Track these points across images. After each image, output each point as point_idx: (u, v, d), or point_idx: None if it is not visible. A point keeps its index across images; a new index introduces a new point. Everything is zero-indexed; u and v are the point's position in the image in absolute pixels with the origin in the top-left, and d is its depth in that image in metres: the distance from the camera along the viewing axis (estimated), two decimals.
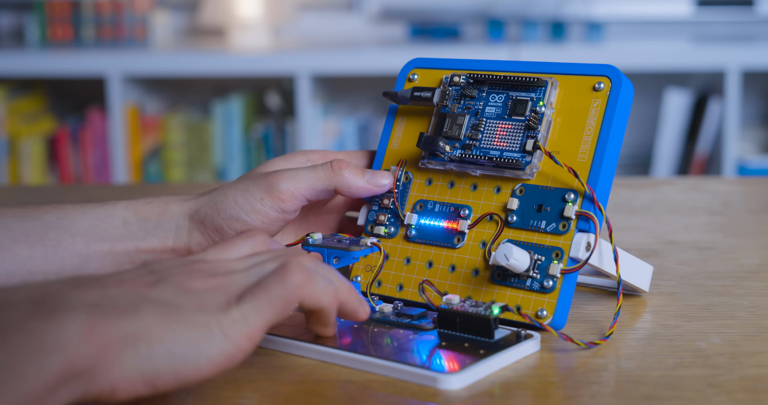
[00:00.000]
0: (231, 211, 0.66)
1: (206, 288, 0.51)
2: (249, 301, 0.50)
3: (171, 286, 0.50)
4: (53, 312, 0.45)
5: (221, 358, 0.48)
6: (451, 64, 0.70)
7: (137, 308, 0.47)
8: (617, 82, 0.63)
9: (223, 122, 2.63)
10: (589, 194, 0.62)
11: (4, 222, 0.66)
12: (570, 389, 0.55)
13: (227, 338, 0.49)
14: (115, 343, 0.46)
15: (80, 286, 0.48)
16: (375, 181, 0.68)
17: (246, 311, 0.50)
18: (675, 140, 2.57)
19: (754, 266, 0.78)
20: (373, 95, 2.76)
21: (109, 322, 0.46)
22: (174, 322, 0.48)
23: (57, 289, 0.47)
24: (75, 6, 2.68)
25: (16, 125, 2.64)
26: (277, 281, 0.52)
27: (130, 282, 0.50)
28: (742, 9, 2.67)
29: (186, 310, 0.49)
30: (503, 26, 2.64)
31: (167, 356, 0.47)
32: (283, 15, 2.71)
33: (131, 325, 0.46)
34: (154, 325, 0.47)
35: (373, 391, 0.54)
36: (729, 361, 0.57)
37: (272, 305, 0.51)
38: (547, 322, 0.60)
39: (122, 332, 0.46)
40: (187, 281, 0.51)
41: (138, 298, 0.48)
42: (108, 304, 0.47)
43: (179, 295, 0.50)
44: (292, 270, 0.52)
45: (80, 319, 0.45)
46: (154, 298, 0.49)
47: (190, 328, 0.48)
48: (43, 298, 0.46)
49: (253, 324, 0.50)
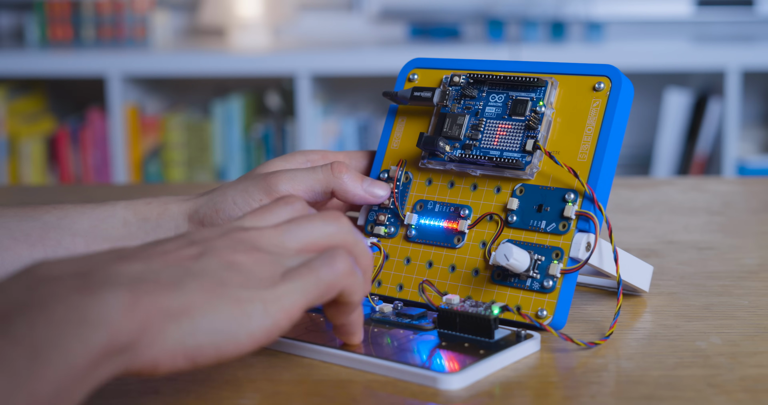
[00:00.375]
0: (230, 211, 0.66)
1: (250, 262, 0.50)
2: (295, 280, 0.50)
3: (215, 259, 0.50)
4: (96, 286, 0.45)
5: (261, 334, 0.48)
6: (451, 64, 0.70)
7: (181, 283, 0.47)
8: (617, 82, 0.63)
9: (223, 122, 2.63)
10: (589, 194, 0.62)
11: (4, 222, 0.66)
12: (570, 389, 0.55)
13: (268, 315, 0.48)
14: (158, 318, 0.45)
15: (123, 259, 0.48)
16: (372, 190, 0.68)
17: (290, 290, 0.49)
18: (675, 140, 2.57)
19: (754, 266, 0.78)
20: (373, 95, 2.76)
21: (152, 297, 0.45)
22: (218, 298, 0.47)
23: (101, 262, 0.47)
24: (75, 6, 2.68)
25: (16, 125, 2.64)
26: (325, 265, 0.51)
27: (174, 254, 0.49)
28: (742, 9, 2.67)
29: (230, 286, 0.48)
30: (503, 26, 2.64)
31: (210, 331, 0.47)
32: (283, 15, 2.71)
33: (174, 300, 0.46)
34: (198, 300, 0.47)
35: (373, 391, 0.54)
36: (729, 361, 0.57)
37: (317, 287, 0.50)
38: (547, 322, 0.60)
39: (165, 307, 0.46)
40: (231, 255, 0.50)
41: (182, 272, 0.48)
42: (151, 279, 0.47)
43: (223, 269, 0.49)
44: (341, 256, 0.52)
45: (123, 294, 0.45)
46: (198, 271, 0.48)
47: (234, 303, 0.48)
48: (86, 272, 0.46)
49: (296, 303, 0.49)
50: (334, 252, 0.52)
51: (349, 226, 0.55)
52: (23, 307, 0.43)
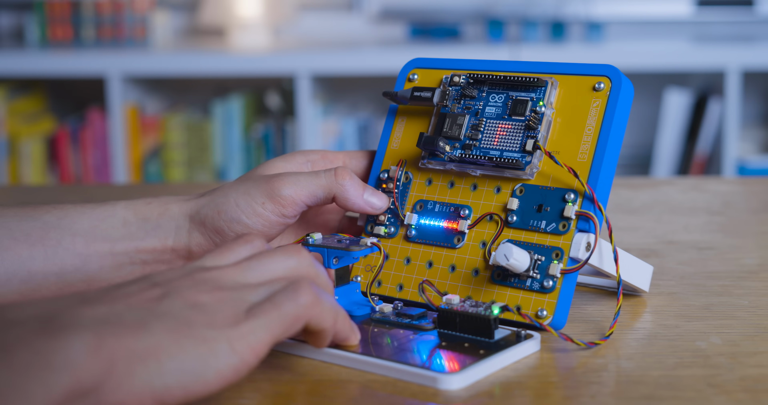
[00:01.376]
0: (232, 213, 0.66)
1: (214, 302, 0.50)
2: (259, 317, 0.50)
3: (179, 300, 0.50)
4: (60, 330, 0.44)
5: (228, 372, 0.48)
6: (451, 64, 0.70)
7: (146, 324, 0.47)
8: (617, 82, 0.63)
9: (223, 122, 2.63)
10: (589, 194, 0.62)
11: (4, 222, 0.66)
12: (570, 389, 0.55)
13: (235, 352, 0.48)
14: (124, 360, 0.45)
15: (87, 303, 0.48)
16: (371, 200, 0.68)
17: (255, 327, 0.49)
18: (675, 140, 2.57)
19: (754, 266, 0.78)
20: (373, 95, 2.76)
21: (117, 338, 0.45)
22: (184, 338, 0.47)
23: (64, 306, 0.47)
24: (75, 6, 2.68)
25: (16, 125, 2.64)
26: (288, 299, 0.51)
27: (137, 296, 0.49)
28: (742, 9, 2.67)
29: (195, 326, 0.48)
30: (503, 26, 2.64)
31: (177, 372, 0.47)
32: (283, 15, 2.71)
33: (140, 341, 0.46)
34: (164, 341, 0.47)
35: (373, 391, 0.54)
36: (729, 361, 0.57)
37: (282, 322, 0.50)
38: (547, 322, 0.60)
39: (131, 349, 0.46)
40: (194, 295, 0.50)
41: (146, 313, 0.48)
42: (116, 321, 0.47)
43: (187, 309, 0.49)
44: (304, 289, 0.52)
45: (87, 337, 0.45)
46: (163, 313, 0.48)
47: (200, 343, 0.48)
48: (50, 316, 0.46)
49: (261, 339, 0.49)
50: (297, 284, 0.52)
51: (309, 259, 0.55)
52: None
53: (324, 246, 0.65)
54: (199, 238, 0.67)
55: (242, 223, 0.66)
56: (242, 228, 0.66)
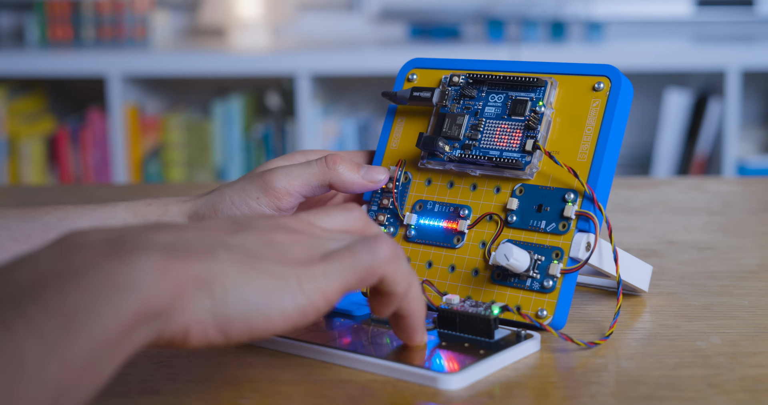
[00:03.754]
0: (228, 211, 0.66)
1: (290, 241, 0.50)
2: (335, 262, 0.49)
3: (253, 235, 0.49)
4: (128, 252, 0.44)
5: (294, 312, 0.47)
6: (450, 64, 0.70)
7: (214, 252, 0.47)
8: (617, 82, 0.63)
9: (223, 122, 2.63)
10: (589, 194, 0.62)
11: (5, 223, 0.66)
12: (570, 389, 0.55)
13: (303, 293, 0.47)
14: (190, 285, 0.45)
15: (158, 229, 0.48)
16: (370, 176, 0.68)
17: (328, 270, 0.49)
18: (675, 140, 2.57)
19: (754, 266, 0.78)
20: (373, 95, 2.76)
21: (183, 263, 0.45)
22: (251, 269, 0.47)
23: (134, 231, 0.47)
24: (75, 6, 2.68)
25: (16, 125, 2.64)
26: (366, 248, 0.50)
27: (211, 229, 0.49)
28: (742, 9, 2.67)
29: (265, 259, 0.48)
30: (503, 26, 2.64)
31: (241, 303, 0.46)
32: (283, 15, 2.71)
33: (206, 267, 0.46)
34: (230, 270, 0.46)
35: (373, 391, 0.54)
36: (729, 361, 0.57)
37: (355, 270, 0.50)
38: (547, 322, 0.60)
39: (197, 274, 0.45)
40: (270, 233, 0.50)
41: (216, 242, 0.48)
42: (184, 246, 0.46)
43: (260, 244, 0.49)
44: (383, 242, 0.51)
45: (155, 260, 0.44)
46: (234, 244, 0.48)
47: (267, 277, 0.47)
48: (119, 239, 0.46)
49: (333, 284, 0.49)
50: (378, 237, 0.51)
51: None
52: (55, 275, 0.43)
53: None
54: None
55: None
56: None
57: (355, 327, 0.62)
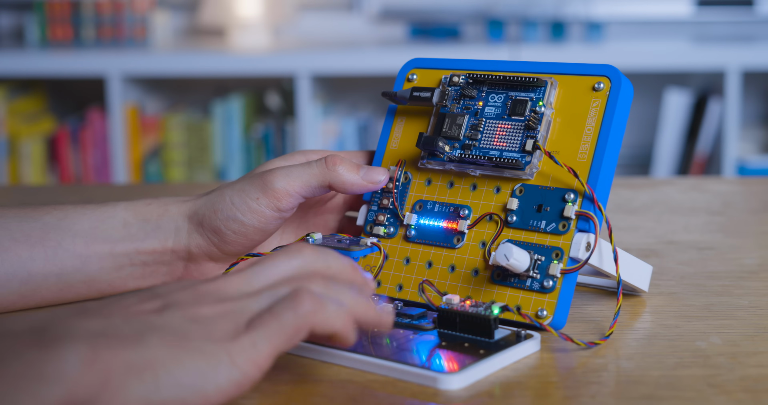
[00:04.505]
0: (228, 211, 0.66)
1: (214, 315, 0.49)
2: (259, 329, 0.49)
3: (178, 312, 0.49)
4: (54, 341, 0.44)
5: (229, 386, 0.47)
6: (450, 64, 0.70)
7: (143, 337, 0.46)
8: (617, 82, 0.63)
9: (223, 122, 2.63)
10: (589, 194, 0.62)
11: (5, 223, 0.66)
12: (570, 389, 0.55)
13: (236, 366, 0.47)
14: (119, 373, 0.44)
15: (83, 314, 0.47)
16: (370, 176, 0.67)
17: (256, 339, 0.48)
18: (675, 140, 2.57)
19: (754, 266, 0.78)
20: (373, 95, 2.76)
21: (112, 351, 0.45)
22: (182, 351, 0.46)
23: (59, 317, 0.46)
24: (75, 6, 2.68)
25: (16, 125, 2.64)
26: (288, 309, 0.50)
27: (135, 308, 0.49)
28: (742, 9, 2.67)
29: (194, 339, 0.47)
30: (503, 26, 2.64)
31: (175, 386, 0.46)
32: (283, 15, 2.71)
33: (136, 354, 0.45)
34: (161, 355, 0.46)
35: (373, 391, 0.54)
36: (729, 361, 0.57)
37: (282, 333, 0.49)
38: (547, 322, 0.60)
39: (127, 362, 0.45)
40: (194, 308, 0.49)
41: (144, 326, 0.47)
42: (112, 333, 0.46)
43: (187, 322, 0.48)
44: (303, 297, 0.50)
45: (82, 349, 0.44)
46: (161, 325, 0.47)
47: (199, 357, 0.47)
48: (44, 327, 0.45)
49: (262, 352, 0.48)
50: (297, 292, 0.50)
51: (314, 254, 0.54)
52: None
53: (324, 246, 0.65)
54: (198, 239, 0.67)
55: (238, 220, 0.66)
56: (238, 226, 0.66)
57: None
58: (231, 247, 0.67)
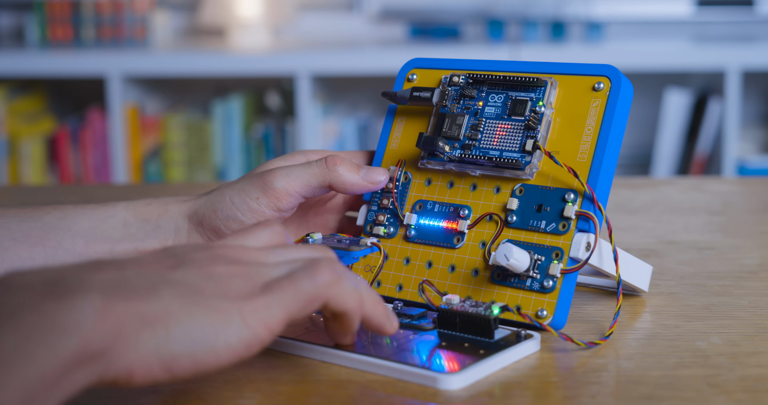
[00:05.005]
0: (228, 211, 0.66)
1: (230, 274, 0.50)
2: (276, 291, 0.49)
3: (193, 269, 0.49)
4: (68, 293, 0.44)
5: (239, 345, 0.47)
6: (450, 64, 0.70)
7: (156, 290, 0.46)
8: (617, 82, 0.63)
9: (223, 122, 2.63)
10: (589, 194, 0.62)
11: (5, 222, 0.66)
12: (570, 389, 0.55)
13: (247, 326, 0.47)
14: (132, 325, 0.44)
15: (98, 268, 0.47)
16: (370, 177, 0.68)
17: (270, 301, 0.49)
18: (675, 140, 2.57)
19: (754, 266, 0.78)
20: (373, 95, 2.76)
21: (125, 302, 0.45)
22: (194, 306, 0.46)
23: (74, 270, 0.47)
24: (75, 6, 2.68)
25: (16, 125, 2.64)
26: (306, 276, 0.50)
27: (151, 264, 0.49)
28: (742, 9, 2.67)
29: (207, 295, 0.47)
30: (503, 26, 2.64)
31: (185, 340, 0.46)
32: (283, 15, 2.71)
33: (149, 306, 0.45)
34: (173, 308, 0.46)
35: (373, 391, 0.54)
36: (729, 361, 0.57)
37: (297, 299, 0.49)
38: (547, 322, 0.60)
39: (139, 313, 0.45)
40: (210, 266, 0.50)
41: (158, 279, 0.47)
42: (125, 285, 0.46)
43: (201, 279, 0.48)
44: (323, 267, 0.51)
45: (95, 300, 0.44)
46: (175, 280, 0.48)
47: (211, 313, 0.47)
48: (58, 279, 0.45)
49: (276, 315, 0.48)
50: (317, 262, 0.51)
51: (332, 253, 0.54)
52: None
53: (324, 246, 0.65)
54: (198, 239, 0.67)
55: (238, 220, 0.66)
56: (238, 225, 0.66)
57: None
58: None
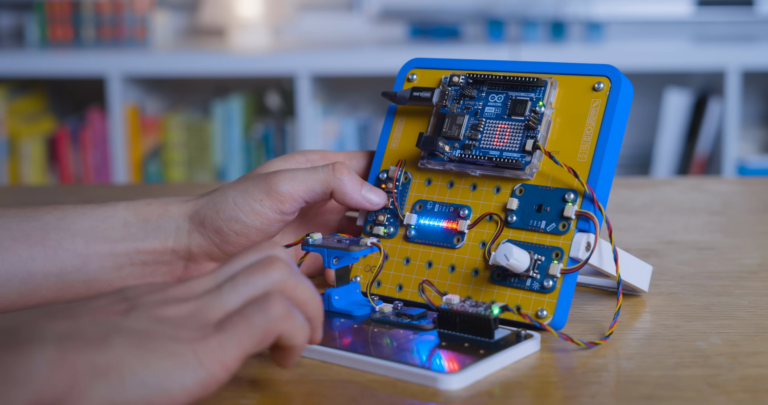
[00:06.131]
0: (230, 212, 0.66)
1: (180, 315, 0.49)
2: (228, 330, 0.49)
3: (144, 314, 0.49)
4: (22, 343, 0.44)
5: (195, 387, 0.47)
6: (450, 64, 0.70)
7: (108, 339, 0.46)
8: (617, 82, 0.63)
9: (223, 122, 2.63)
10: (589, 194, 0.62)
11: (5, 222, 0.66)
12: (570, 389, 0.55)
13: (202, 366, 0.47)
14: (85, 375, 0.45)
15: (51, 316, 0.47)
16: (369, 196, 0.68)
17: (224, 340, 0.48)
18: (675, 140, 2.57)
19: (754, 266, 0.78)
20: (373, 95, 2.76)
21: (79, 353, 0.45)
22: (147, 352, 0.47)
23: (27, 319, 0.47)
24: (75, 6, 2.68)
25: (16, 125, 2.64)
26: (258, 311, 0.50)
27: (102, 310, 0.49)
28: (742, 9, 2.67)
29: (159, 339, 0.47)
30: (503, 26, 2.64)
31: (139, 386, 0.46)
32: (283, 15, 2.71)
33: (102, 355, 0.46)
34: (126, 356, 0.46)
35: (373, 391, 0.54)
36: (729, 361, 0.57)
37: (252, 336, 0.49)
38: (547, 322, 0.60)
39: (92, 363, 0.45)
40: (160, 309, 0.49)
41: (109, 327, 0.47)
42: (78, 335, 0.46)
43: (153, 323, 0.48)
44: (275, 300, 0.50)
45: (50, 351, 0.44)
46: (126, 327, 0.48)
47: (164, 357, 0.47)
48: (12, 328, 0.45)
49: (231, 354, 0.48)
50: (268, 297, 0.50)
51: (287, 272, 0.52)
52: None
53: (324, 246, 0.65)
54: (199, 239, 0.67)
55: (240, 221, 0.66)
56: (241, 227, 0.66)
57: (355, 327, 0.62)
58: (232, 247, 0.67)
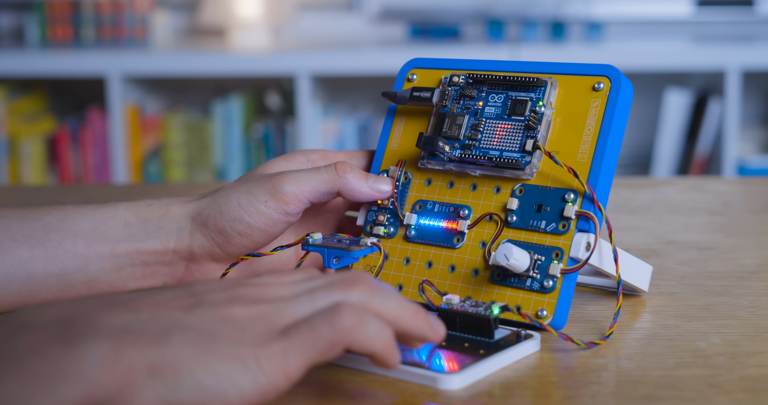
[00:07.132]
0: (234, 213, 0.66)
1: (247, 317, 0.47)
2: (293, 338, 0.47)
3: (209, 311, 0.47)
4: (77, 337, 0.43)
5: (253, 392, 0.45)
6: (450, 64, 0.70)
7: (167, 336, 0.45)
8: (617, 82, 0.63)
9: (223, 122, 2.63)
10: (589, 194, 0.62)
11: (5, 223, 0.66)
12: (570, 389, 0.55)
13: (263, 372, 0.45)
14: (140, 373, 0.43)
15: (113, 308, 0.46)
16: (377, 186, 0.68)
17: (287, 347, 0.46)
18: (675, 140, 2.57)
19: (754, 266, 0.78)
20: (373, 95, 2.76)
21: (135, 350, 0.43)
22: (206, 353, 0.45)
23: (86, 310, 0.45)
24: (75, 6, 2.68)
25: (16, 125, 2.64)
26: (325, 322, 0.47)
27: (166, 304, 0.47)
28: (742, 9, 2.67)
29: (221, 341, 0.45)
30: (503, 26, 2.64)
31: (195, 388, 0.44)
32: (283, 15, 2.71)
33: (159, 354, 0.44)
34: (184, 355, 0.44)
35: (373, 391, 0.54)
36: (729, 361, 0.57)
37: (316, 346, 0.47)
38: (547, 322, 0.60)
39: (149, 361, 0.43)
40: (227, 307, 0.48)
41: (171, 324, 0.46)
42: (137, 330, 0.44)
43: (217, 323, 0.46)
44: (344, 312, 0.48)
45: (105, 347, 0.43)
46: (189, 324, 0.46)
47: (224, 359, 0.45)
48: (68, 320, 0.44)
49: (293, 362, 0.46)
50: (338, 308, 0.48)
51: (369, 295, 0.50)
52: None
53: (324, 246, 0.65)
54: (201, 240, 0.67)
55: (244, 222, 0.66)
56: (244, 227, 0.66)
57: None
58: (234, 247, 0.67)
